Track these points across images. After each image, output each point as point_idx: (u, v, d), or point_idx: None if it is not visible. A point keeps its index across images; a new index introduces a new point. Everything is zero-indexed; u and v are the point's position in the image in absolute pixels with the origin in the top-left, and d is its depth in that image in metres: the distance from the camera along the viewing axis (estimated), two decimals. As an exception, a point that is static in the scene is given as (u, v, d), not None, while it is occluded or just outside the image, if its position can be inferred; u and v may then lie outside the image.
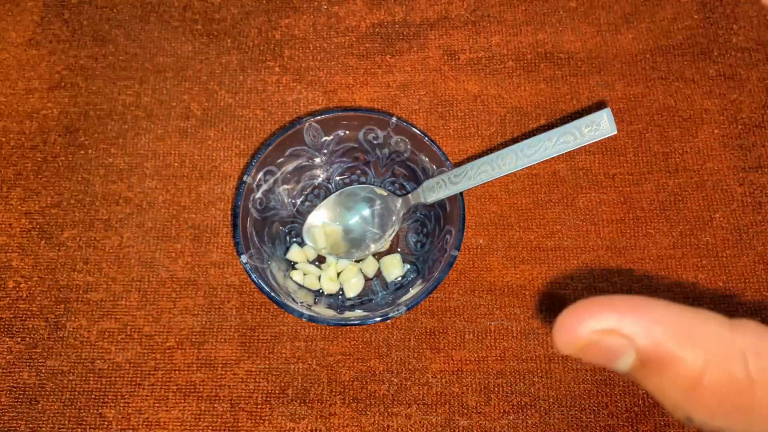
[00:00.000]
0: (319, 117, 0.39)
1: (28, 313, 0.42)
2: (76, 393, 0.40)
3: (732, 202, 0.43)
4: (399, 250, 0.42)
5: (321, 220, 0.42)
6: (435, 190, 0.38)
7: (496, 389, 0.40)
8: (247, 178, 0.38)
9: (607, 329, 0.19)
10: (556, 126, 0.33)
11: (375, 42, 0.48)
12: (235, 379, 0.40)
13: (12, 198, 0.45)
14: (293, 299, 0.37)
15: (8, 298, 0.42)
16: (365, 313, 0.37)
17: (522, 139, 0.34)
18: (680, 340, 0.18)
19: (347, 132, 0.41)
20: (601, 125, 0.32)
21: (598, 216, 0.43)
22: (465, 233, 0.40)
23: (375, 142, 0.41)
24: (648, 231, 0.43)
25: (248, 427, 0.39)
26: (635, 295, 0.19)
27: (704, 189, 0.43)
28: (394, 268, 0.41)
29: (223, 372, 0.40)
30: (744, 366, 0.17)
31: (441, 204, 0.40)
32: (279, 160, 0.40)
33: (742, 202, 0.43)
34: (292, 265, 0.42)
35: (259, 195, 0.40)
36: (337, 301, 0.41)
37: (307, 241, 0.42)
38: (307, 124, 0.39)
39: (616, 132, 0.32)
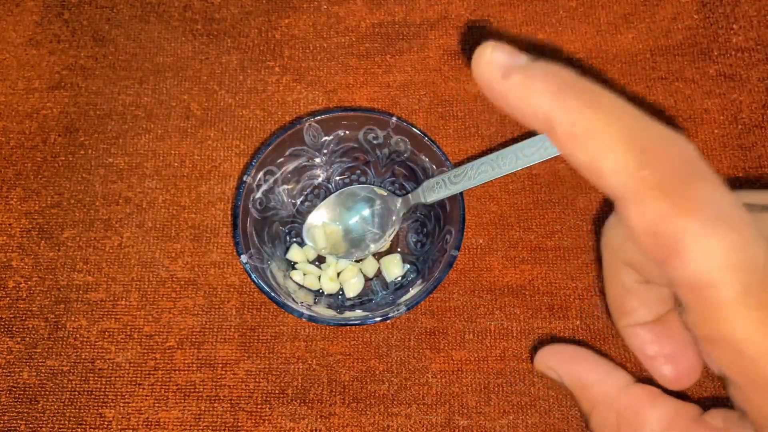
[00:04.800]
0: (319, 117, 0.39)
1: (28, 313, 0.42)
2: (76, 393, 0.40)
3: (732, 202, 0.43)
4: (399, 250, 0.42)
5: (321, 220, 0.42)
6: (435, 190, 0.38)
7: (496, 389, 0.40)
8: (247, 178, 0.38)
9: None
10: (556, 126, 0.33)
11: (375, 42, 0.48)
12: (235, 379, 0.40)
13: (12, 198, 0.45)
14: (293, 299, 0.37)
15: (8, 298, 0.42)
16: (365, 313, 0.37)
17: (522, 139, 0.34)
18: None
19: (347, 132, 0.41)
20: (601, 125, 0.32)
21: (598, 216, 0.43)
22: (465, 233, 0.40)
23: (375, 142, 0.41)
24: (648, 231, 0.43)
25: (248, 427, 0.39)
26: None
27: (704, 189, 0.43)
28: (394, 268, 0.41)
29: (223, 372, 0.40)
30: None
31: (441, 204, 0.40)
32: (279, 160, 0.40)
33: (742, 202, 0.43)
34: (292, 265, 0.42)
35: (259, 195, 0.40)
36: (337, 301, 0.41)
37: (307, 241, 0.42)
38: (307, 124, 0.40)
39: (616, 132, 0.32)
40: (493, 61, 0.20)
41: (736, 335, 0.18)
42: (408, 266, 0.41)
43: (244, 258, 0.37)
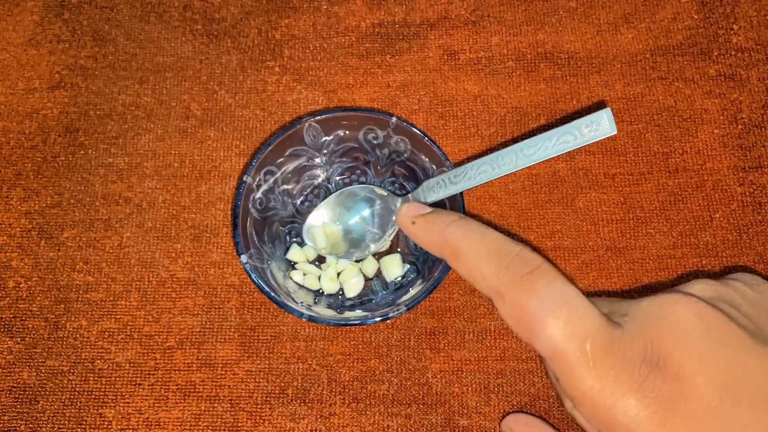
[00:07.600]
0: (319, 117, 0.39)
1: (28, 313, 0.42)
2: (76, 393, 0.40)
3: (732, 202, 0.43)
4: (399, 250, 0.42)
5: (321, 220, 0.42)
6: (435, 190, 0.38)
7: (496, 389, 0.40)
8: (247, 178, 0.38)
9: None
10: (556, 126, 0.33)
11: (375, 42, 0.48)
12: (235, 379, 0.40)
13: (12, 198, 0.45)
14: (293, 299, 0.37)
15: (8, 298, 0.42)
16: (365, 313, 0.37)
17: (522, 139, 0.34)
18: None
19: (347, 132, 0.41)
20: (601, 125, 0.32)
21: (598, 216, 0.43)
22: (465, 233, 0.40)
23: (375, 142, 0.41)
24: (648, 231, 0.43)
25: (248, 427, 0.39)
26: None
27: (704, 189, 0.43)
28: (394, 268, 0.41)
29: (223, 372, 0.40)
30: None
31: (441, 204, 0.39)
32: (279, 160, 0.40)
33: (742, 202, 0.43)
34: (292, 265, 0.42)
35: (259, 195, 0.40)
36: (337, 301, 0.41)
37: (307, 241, 0.42)
38: (307, 124, 0.39)
39: (616, 132, 0.32)
40: (406, 213, 0.33)
41: (586, 391, 0.23)
42: (408, 266, 0.41)
43: (244, 258, 0.37)
